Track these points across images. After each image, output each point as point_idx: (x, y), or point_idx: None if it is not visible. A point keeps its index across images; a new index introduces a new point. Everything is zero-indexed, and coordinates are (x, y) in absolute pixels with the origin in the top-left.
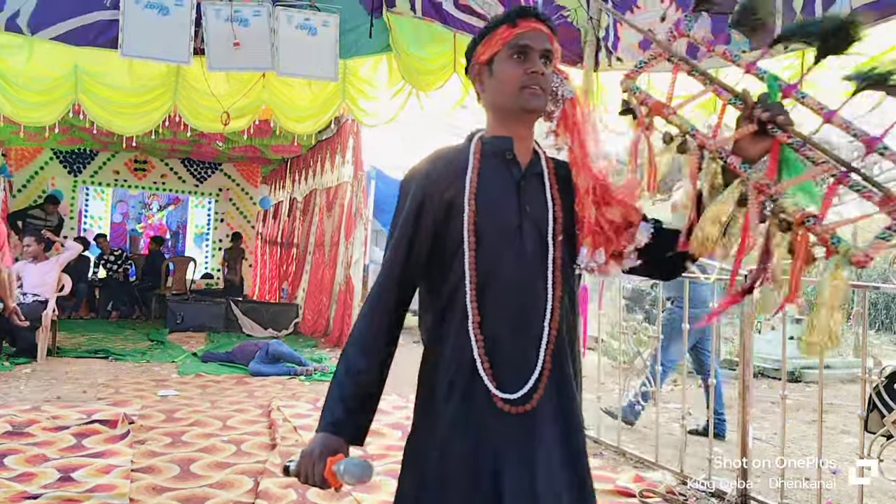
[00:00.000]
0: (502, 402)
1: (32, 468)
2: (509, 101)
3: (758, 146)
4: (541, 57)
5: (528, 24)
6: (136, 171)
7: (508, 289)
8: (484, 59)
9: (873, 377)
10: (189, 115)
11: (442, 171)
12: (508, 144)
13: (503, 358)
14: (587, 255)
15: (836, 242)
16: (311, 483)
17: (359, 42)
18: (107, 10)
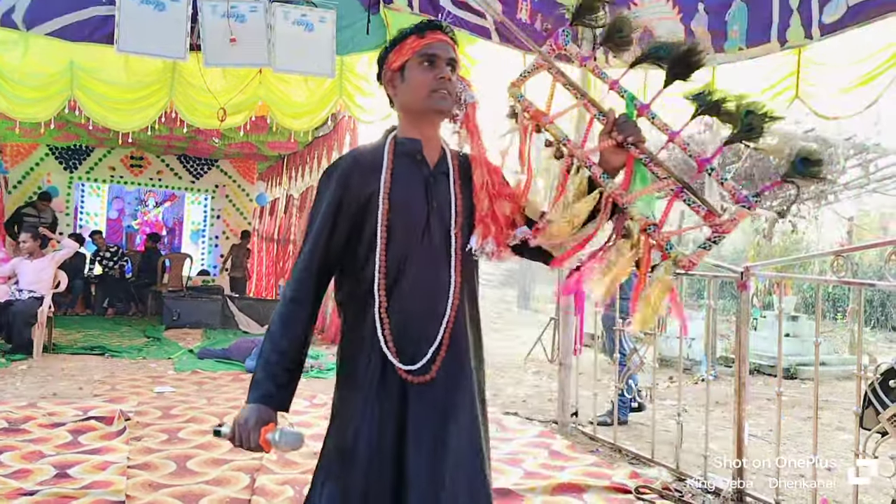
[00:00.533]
0: (405, 372)
1: (28, 465)
2: (420, 103)
3: (617, 158)
4: (447, 65)
5: (435, 36)
6: (132, 168)
7: (416, 277)
8: (396, 66)
9: (869, 374)
10: (185, 111)
11: (360, 169)
12: (418, 146)
13: (409, 336)
14: (477, 242)
15: (669, 248)
16: (246, 448)
17: (356, 38)
18: (103, 5)
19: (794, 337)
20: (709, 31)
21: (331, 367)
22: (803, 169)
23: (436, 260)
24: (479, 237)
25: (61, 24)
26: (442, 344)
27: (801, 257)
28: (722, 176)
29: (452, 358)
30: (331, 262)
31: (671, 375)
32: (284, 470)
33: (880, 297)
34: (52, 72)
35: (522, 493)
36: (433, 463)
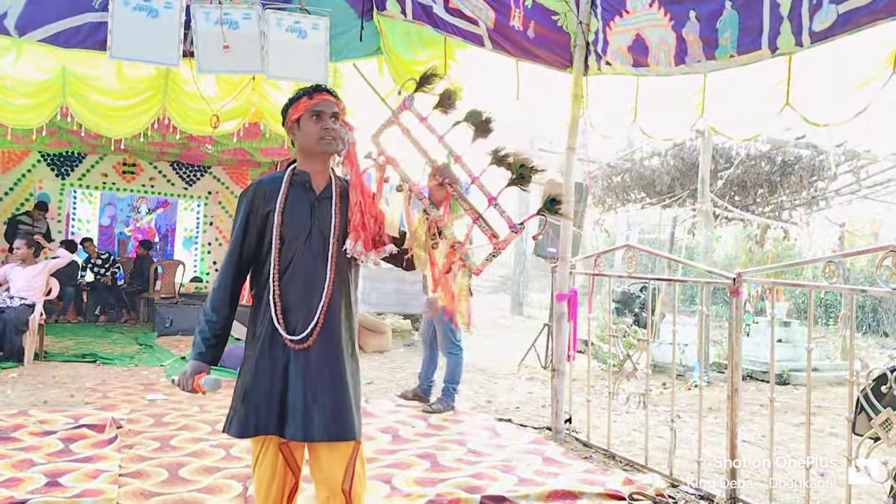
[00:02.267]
0: (290, 341)
1: (19, 473)
2: (311, 147)
3: (441, 193)
4: (331, 117)
5: (321, 97)
6: (124, 174)
7: (299, 273)
8: (294, 119)
9: (861, 380)
10: (178, 117)
11: (263, 193)
12: (307, 177)
13: (294, 315)
14: (350, 244)
15: (467, 259)
16: (186, 391)
17: (349, 45)
18: (95, 11)
19: (786, 343)
20: (700, 38)
21: None
22: (550, 206)
23: (315, 261)
24: (352, 241)
25: (54, 30)
26: (318, 322)
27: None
28: (502, 210)
29: (326, 333)
30: (245, 261)
31: (664, 381)
32: None
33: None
34: (44, 78)
35: (516, 500)
36: (305, 402)
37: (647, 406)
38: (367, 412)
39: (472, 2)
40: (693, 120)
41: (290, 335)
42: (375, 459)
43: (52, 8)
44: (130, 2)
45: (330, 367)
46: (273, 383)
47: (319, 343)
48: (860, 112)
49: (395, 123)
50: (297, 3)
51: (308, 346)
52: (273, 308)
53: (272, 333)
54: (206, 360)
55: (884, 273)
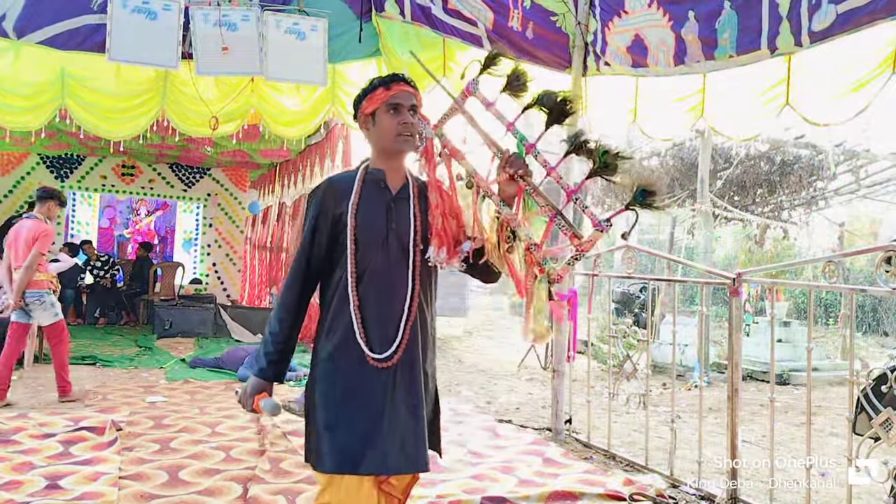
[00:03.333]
0: (373, 359)
1: (19, 476)
2: (387, 144)
3: (511, 189)
4: (409, 110)
5: (399, 87)
6: (123, 177)
7: (377, 281)
8: (367, 112)
9: (861, 379)
10: (177, 119)
11: (334, 193)
12: (381, 175)
13: (375, 330)
14: (433, 252)
15: (545, 264)
16: (247, 410)
17: (348, 46)
18: (94, 14)
19: (786, 342)
20: (699, 38)
21: None
22: (642, 199)
23: (393, 268)
24: (435, 248)
25: (52, 32)
26: (403, 337)
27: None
28: (583, 203)
29: (410, 350)
30: (314, 268)
31: (664, 382)
32: (277, 479)
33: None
34: (42, 80)
35: (516, 500)
36: (396, 428)
37: (647, 406)
38: None
39: (471, 3)
40: (692, 120)
41: (372, 353)
42: None
43: (51, 10)
44: (129, 4)
45: (415, 390)
46: (359, 408)
47: (404, 361)
48: (860, 112)
49: (458, 112)
50: (295, 5)
51: (392, 365)
52: (354, 320)
53: (350, 350)
54: (267, 378)
55: (883, 272)
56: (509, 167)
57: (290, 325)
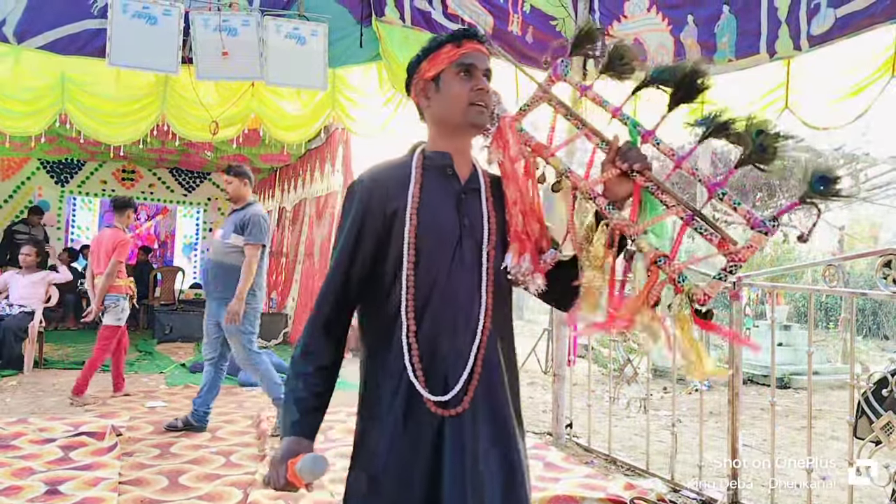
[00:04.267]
0: (434, 404)
1: (19, 481)
2: (457, 116)
3: (623, 188)
4: (483, 75)
5: (472, 45)
6: (123, 181)
7: (445, 299)
8: (429, 76)
9: (861, 383)
10: (177, 124)
11: (383, 185)
12: (448, 159)
13: (438, 364)
14: (512, 259)
15: (682, 281)
16: (277, 488)
17: (348, 51)
18: (94, 18)
19: (786, 346)
20: (698, 42)
21: None
22: (823, 188)
23: (468, 281)
24: (515, 254)
25: (52, 37)
26: (474, 372)
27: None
28: (734, 200)
29: (486, 387)
30: (355, 284)
31: (665, 386)
32: None
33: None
34: (43, 85)
35: None
36: (465, 495)
37: (647, 410)
38: None
39: (471, 7)
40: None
41: (432, 395)
42: None
43: (51, 15)
44: (129, 9)
45: (494, 441)
46: (413, 473)
47: (477, 404)
48: (859, 116)
49: (543, 100)
50: (295, 10)
51: (462, 412)
52: (407, 354)
53: (404, 392)
54: (303, 434)
55: (883, 276)
56: (622, 161)
57: (328, 365)
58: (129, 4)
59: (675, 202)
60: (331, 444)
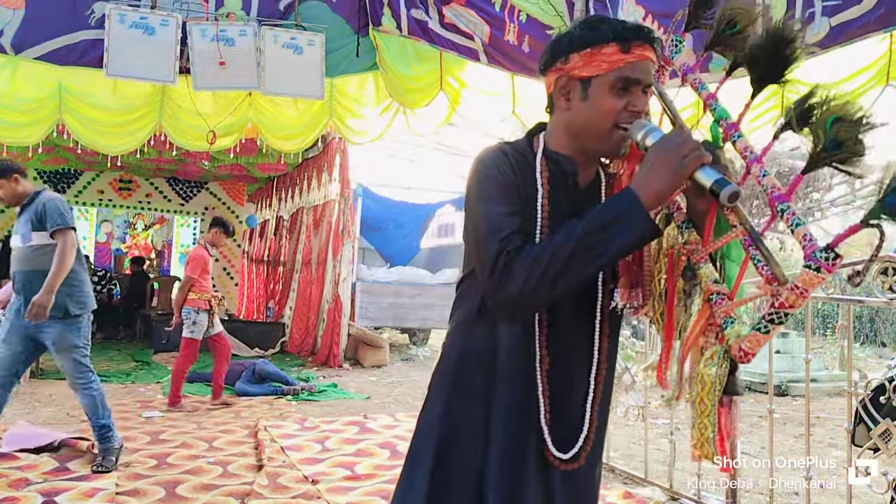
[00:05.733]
0: (556, 459)
1: (15, 492)
2: (597, 136)
3: (702, 203)
4: (643, 91)
5: (641, 53)
6: (120, 191)
7: (566, 330)
8: (581, 75)
9: (859, 390)
10: (174, 134)
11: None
12: (574, 168)
13: (559, 410)
14: (622, 297)
15: (725, 327)
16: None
17: (346, 60)
18: (91, 29)
19: (784, 354)
20: (693, 50)
21: (323, 389)
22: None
23: (576, 316)
24: (624, 289)
25: (50, 48)
26: (591, 426)
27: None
28: (795, 221)
29: (597, 437)
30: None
31: (663, 394)
32: (275, 495)
33: (869, 314)
34: (40, 96)
35: None
36: None
37: (646, 419)
38: (365, 427)
39: (467, 17)
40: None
41: (559, 450)
42: (374, 475)
43: (49, 25)
44: (127, 19)
45: (592, 490)
46: None
47: (589, 456)
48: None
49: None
50: (293, 20)
51: (578, 466)
52: (540, 395)
53: (522, 437)
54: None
55: (880, 283)
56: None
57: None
58: (127, 15)
59: (741, 221)
60: (328, 453)
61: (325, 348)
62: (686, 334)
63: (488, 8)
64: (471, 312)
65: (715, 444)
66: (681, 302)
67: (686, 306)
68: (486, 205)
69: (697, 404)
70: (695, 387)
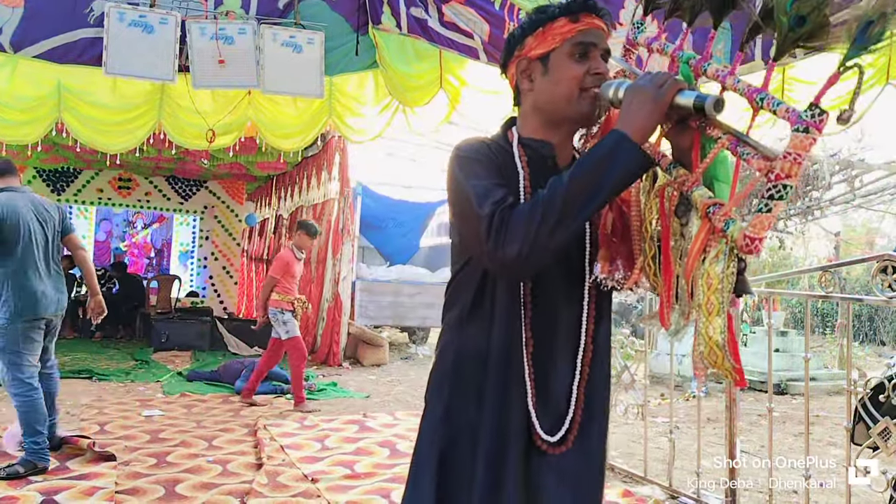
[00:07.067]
0: (544, 441)
1: (14, 491)
2: (566, 104)
3: (685, 139)
4: (602, 57)
5: (591, 20)
6: (120, 190)
7: (552, 313)
8: (536, 54)
9: (858, 389)
10: (174, 132)
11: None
12: (550, 150)
13: (545, 392)
14: (601, 269)
15: (727, 228)
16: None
17: (345, 59)
18: (91, 27)
19: (783, 352)
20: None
21: (322, 387)
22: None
23: (565, 295)
24: (604, 261)
25: (49, 46)
26: (577, 406)
27: (790, 273)
28: (775, 102)
29: (586, 420)
30: None
31: (662, 392)
32: (275, 493)
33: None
34: (39, 94)
35: None
36: None
37: (645, 417)
38: (365, 426)
39: (467, 15)
40: None
41: (544, 431)
42: (374, 474)
43: (48, 24)
44: (126, 18)
45: (584, 483)
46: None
47: (577, 440)
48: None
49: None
50: (292, 18)
51: (566, 449)
52: (527, 378)
53: (503, 420)
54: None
55: (879, 282)
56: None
57: None
58: (126, 13)
59: (724, 131)
60: (328, 452)
61: (324, 347)
62: (688, 251)
63: (488, 6)
64: (463, 312)
65: (727, 350)
66: (676, 242)
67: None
68: (471, 180)
69: (704, 305)
70: (700, 289)
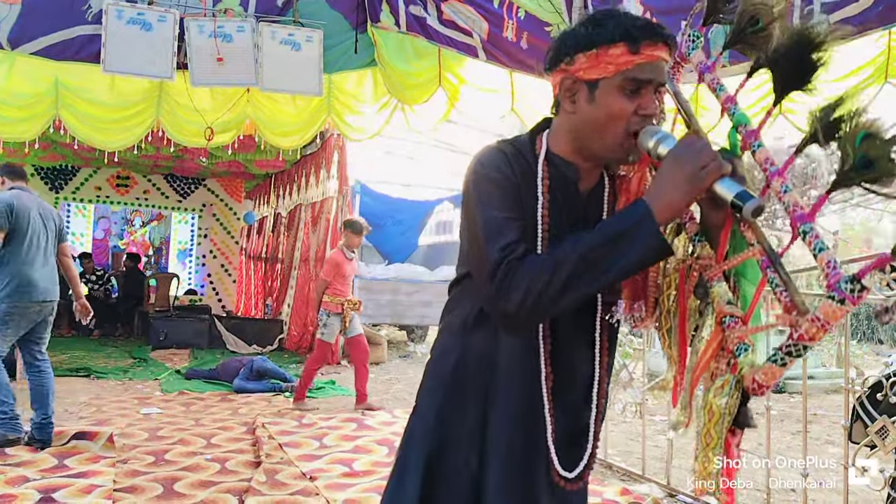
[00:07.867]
0: (560, 478)
1: (12, 489)
2: (606, 142)
3: (718, 214)
4: (654, 91)
5: (652, 52)
6: (118, 188)
7: (568, 347)
8: (587, 77)
9: (856, 387)
10: (172, 130)
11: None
12: (576, 175)
13: (563, 429)
14: (624, 308)
15: (739, 354)
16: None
17: (344, 57)
18: (89, 24)
19: None
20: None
21: (321, 385)
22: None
23: (581, 329)
24: (627, 300)
25: (46, 43)
26: (595, 443)
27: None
28: (818, 245)
29: (596, 455)
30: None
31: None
32: (273, 491)
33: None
34: (36, 91)
35: None
36: None
37: (643, 415)
38: (363, 424)
39: (466, 13)
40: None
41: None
42: (372, 472)
43: (45, 21)
44: (124, 15)
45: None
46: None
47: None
48: None
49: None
50: (291, 16)
51: (578, 488)
52: (546, 413)
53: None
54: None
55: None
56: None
57: None
58: (124, 11)
59: (760, 241)
60: (326, 450)
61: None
62: (697, 359)
63: (487, 4)
64: (469, 316)
65: (719, 479)
66: (692, 320)
67: (698, 327)
68: (486, 209)
69: (703, 436)
70: (702, 417)
